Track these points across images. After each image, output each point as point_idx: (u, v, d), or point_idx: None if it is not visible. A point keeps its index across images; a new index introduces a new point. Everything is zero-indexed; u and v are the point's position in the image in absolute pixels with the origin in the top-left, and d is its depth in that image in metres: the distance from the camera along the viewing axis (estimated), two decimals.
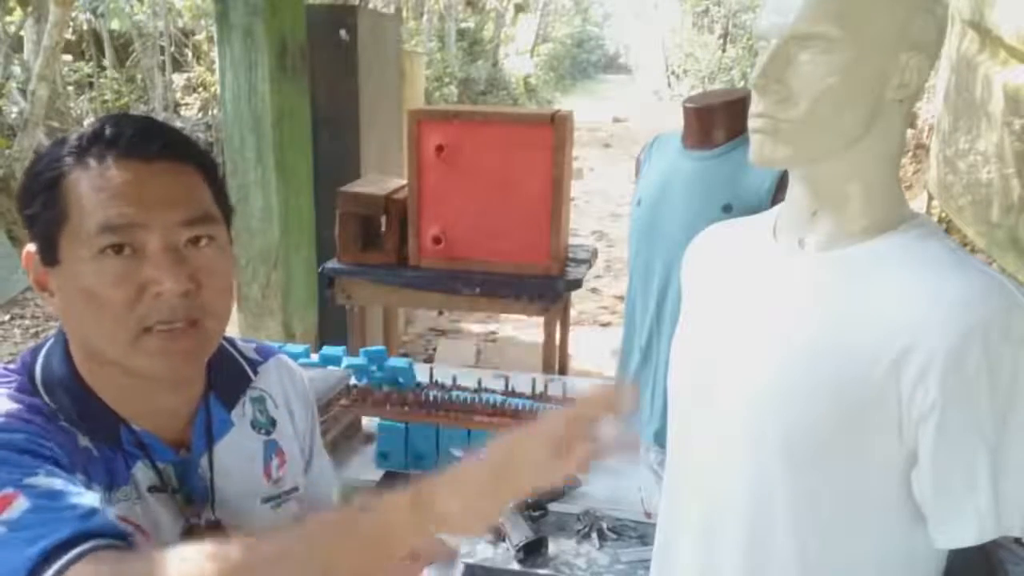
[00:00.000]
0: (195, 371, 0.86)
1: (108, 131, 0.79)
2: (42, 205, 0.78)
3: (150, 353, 0.78)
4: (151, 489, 0.84)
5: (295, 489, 1.00)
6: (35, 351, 0.85)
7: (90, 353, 0.82)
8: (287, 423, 0.99)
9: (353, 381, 1.82)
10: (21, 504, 0.70)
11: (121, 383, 0.83)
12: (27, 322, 5.05)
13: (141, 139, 0.79)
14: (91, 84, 8.09)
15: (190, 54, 9.16)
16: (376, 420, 1.71)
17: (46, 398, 0.81)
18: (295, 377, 1.04)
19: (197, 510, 0.86)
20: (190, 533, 0.85)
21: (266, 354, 1.01)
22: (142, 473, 0.84)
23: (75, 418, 0.81)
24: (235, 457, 0.92)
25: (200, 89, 9.13)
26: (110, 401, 0.83)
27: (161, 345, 0.78)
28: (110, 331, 0.78)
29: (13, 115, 6.55)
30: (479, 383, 1.78)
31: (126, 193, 0.77)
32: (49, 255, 0.79)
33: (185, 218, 0.79)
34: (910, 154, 7.19)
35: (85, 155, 0.78)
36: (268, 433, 0.96)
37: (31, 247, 0.80)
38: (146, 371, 0.81)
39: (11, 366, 0.85)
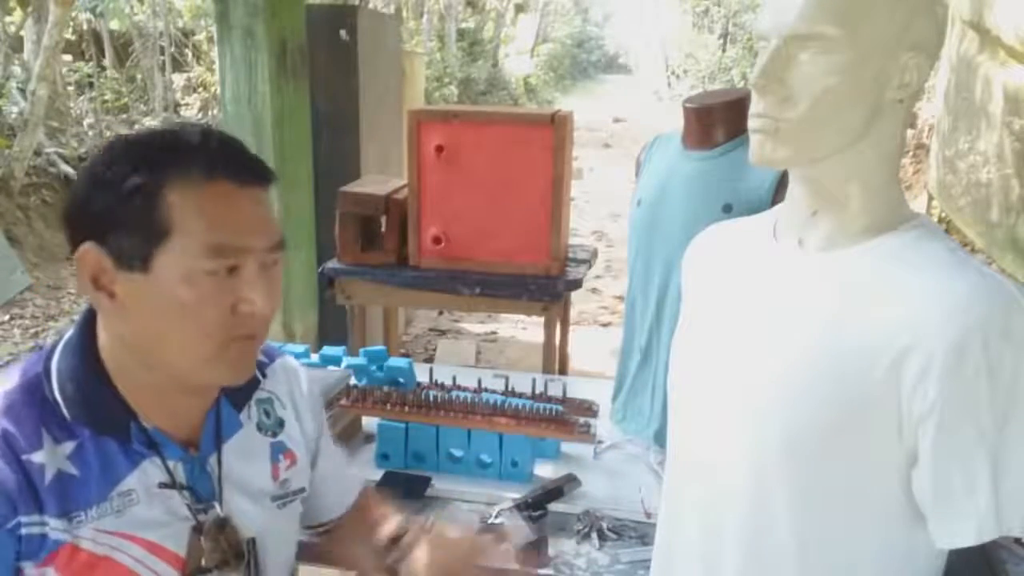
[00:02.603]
0: (250, 377, 0.90)
1: (213, 148, 0.80)
2: (134, 212, 0.77)
3: (225, 364, 0.82)
4: (161, 485, 0.85)
5: (302, 490, 1.01)
6: (54, 344, 0.87)
7: (137, 354, 0.83)
8: (294, 424, 1.01)
9: (353, 381, 1.81)
10: None
11: (147, 383, 0.84)
12: (27, 322, 5.05)
13: (242, 163, 0.82)
14: (91, 84, 8.08)
15: (190, 54, 9.16)
16: (376, 420, 1.71)
17: (57, 395, 0.82)
18: (300, 378, 1.05)
19: (204, 507, 0.88)
20: (198, 530, 0.86)
21: (271, 355, 1.03)
22: (149, 471, 0.85)
23: (82, 414, 0.82)
24: (243, 457, 0.93)
25: (200, 89, 9.12)
26: (130, 397, 0.84)
27: (236, 357, 0.83)
28: (194, 343, 0.80)
29: (13, 115, 6.54)
30: (479, 383, 1.78)
31: (237, 216, 0.80)
32: (133, 262, 0.78)
33: (273, 243, 0.83)
34: (910, 154, 7.19)
35: (186, 168, 0.78)
36: (275, 435, 0.98)
37: (91, 246, 0.79)
38: (216, 380, 0.86)
39: (27, 363, 0.86)
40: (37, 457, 0.79)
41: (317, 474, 1.05)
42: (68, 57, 8.09)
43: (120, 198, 0.77)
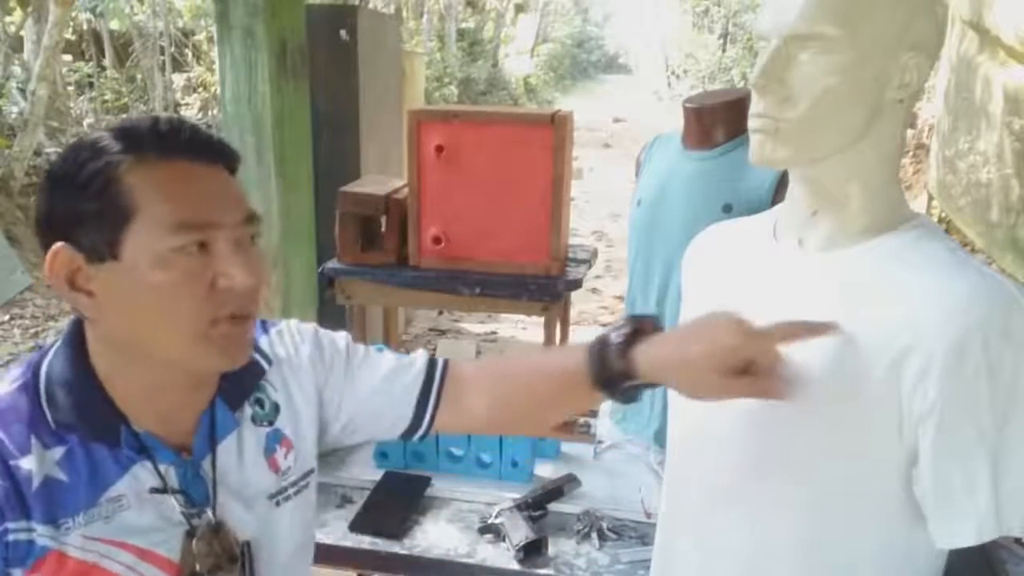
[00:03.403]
0: (247, 360, 0.87)
1: (164, 130, 0.79)
2: (95, 200, 0.76)
3: (217, 347, 0.80)
4: (153, 490, 0.84)
5: (309, 472, 0.98)
6: (44, 351, 0.85)
7: (127, 352, 0.81)
8: (289, 406, 0.97)
9: None
10: None
11: (140, 383, 0.83)
12: (27, 322, 5.05)
13: (197, 141, 0.81)
14: (91, 84, 8.09)
15: (190, 54, 9.16)
16: None
17: (44, 401, 0.81)
18: (285, 342, 1.00)
19: (198, 512, 0.86)
20: (191, 535, 0.85)
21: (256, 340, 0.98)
22: (140, 476, 0.84)
23: (71, 420, 0.81)
24: (238, 457, 0.92)
25: (200, 89, 9.13)
26: (121, 401, 0.83)
27: (226, 338, 0.80)
28: (178, 327, 0.78)
29: (13, 115, 6.55)
30: None
31: (198, 192, 0.79)
32: (103, 252, 0.77)
33: (245, 216, 0.82)
34: (910, 154, 7.19)
35: (140, 151, 0.77)
36: (271, 423, 0.95)
37: (61, 246, 0.77)
38: (210, 366, 0.83)
39: (17, 370, 0.85)
40: (25, 463, 0.78)
41: (352, 403, 1.00)
42: (68, 57, 8.09)
43: (78, 190, 0.76)
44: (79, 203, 0.77)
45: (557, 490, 1.54)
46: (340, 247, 2.77)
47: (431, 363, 1.03)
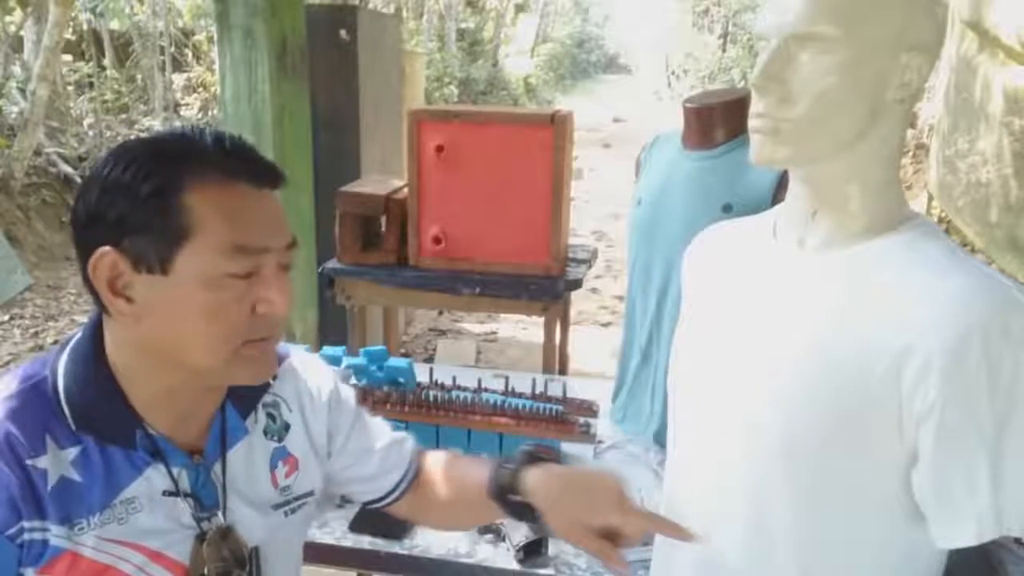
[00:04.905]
0: (272, 376, 0.91)
1: (229, 150, 0.80)
2: (152, 214, 0.76)
3: (246, 364, 0.82)
4: (165, 493, 0.84)
5: (309, 493, 1.00)
6: (60, 348, 0.85)
7: (153, 355, 0.81)
8: (300, 427, 0.99)
9: (353, 381, 1.81)
10: None
11: (160, 386, 0.83)
12: (27, 322, 5.05)
13: (257, 165, 0.82)
14: (91, 84, 8.09)
15: (190, 54, 9.17)
16: None
17: (63, 401, 0.81)
18: (309, 373, 1.03)
19: (208, 515, 0.87)
20: (201, 538, 0.86)
21: (280, 357, 1.00)
22: (153, 478, 0.84)
23: (89, 420, 0.81)
24: (246, 464, 0.92)
25: (200, 89, 9.14)
26: (137, 402, 0.83)
27: (256, 357, 0.82)
28: (215, 343, 0.79)
29: (13, 115, 6.55)
30: (479, 383, 1.78)
31: (255, 218, 0.80)
32: (152, 265, 0.77)
33: (288, 243, 0.83)
34: (910, 154, 7.19)
35: (204, 170, 0.78)
36: (279, 439, 0.96)
37: (107, 250, 0.77)
38: (237, 380, 0.85)
39: (32, 368, 0.84)
40: (40, 462, 0.78)
41: (353, 456, 1.05)
42: (68, 57, 8.10)
43: (137, 201, 0.76)
44: (134, 213, 0.76)
45: None
46: (340, 247, 2.77)
47: (415, 449, 1.10)
